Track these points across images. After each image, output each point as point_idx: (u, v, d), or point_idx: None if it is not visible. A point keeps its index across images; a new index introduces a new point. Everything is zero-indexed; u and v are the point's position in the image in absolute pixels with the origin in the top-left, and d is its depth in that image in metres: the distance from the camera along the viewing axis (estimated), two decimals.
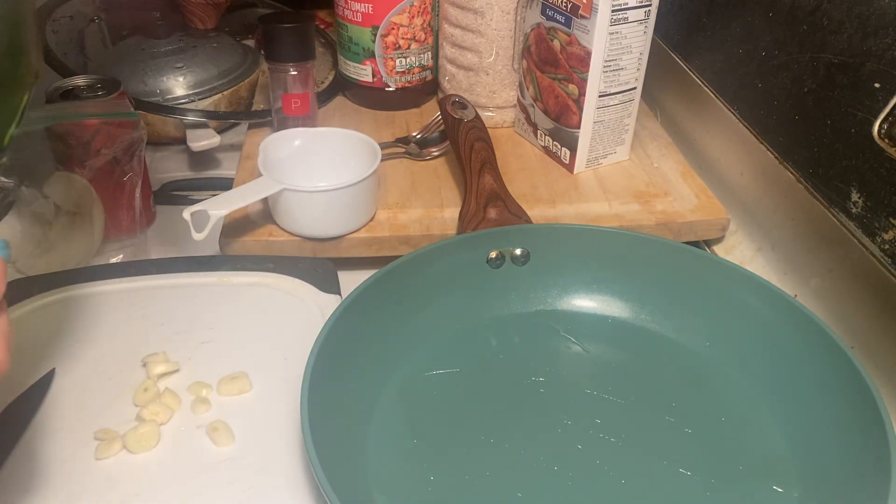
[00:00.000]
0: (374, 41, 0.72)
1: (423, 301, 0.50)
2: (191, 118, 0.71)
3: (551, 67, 0.64)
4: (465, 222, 0.56)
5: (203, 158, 0.74)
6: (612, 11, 0.58)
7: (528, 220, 0.57)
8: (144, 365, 0.46)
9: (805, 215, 0.55)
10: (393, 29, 0.72)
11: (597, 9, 0.57)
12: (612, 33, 0.59)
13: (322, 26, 0.91)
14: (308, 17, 0.66)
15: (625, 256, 0.52)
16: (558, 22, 0.61)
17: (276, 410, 0.44)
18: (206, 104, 0.74)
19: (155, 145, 0.76)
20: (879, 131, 0.47)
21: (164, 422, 0.43)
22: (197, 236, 0.51)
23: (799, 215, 0.55)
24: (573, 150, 0.65)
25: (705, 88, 0.69)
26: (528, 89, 0.69)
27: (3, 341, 0.32)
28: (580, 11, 0.59)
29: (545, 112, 0.67)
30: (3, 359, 0.32)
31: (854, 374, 0.41)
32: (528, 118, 0.70)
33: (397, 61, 0.74)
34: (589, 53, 0.60)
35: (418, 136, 0.70)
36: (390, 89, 0.75)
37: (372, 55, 0.73)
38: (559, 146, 0.67)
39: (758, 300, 0.48)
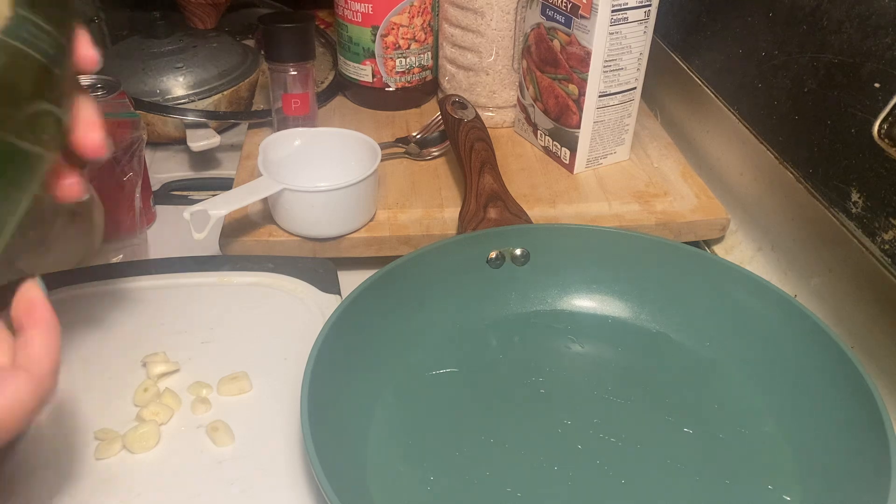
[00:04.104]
0: (374, 41, 0.72)
1: (423, 301, 0.50)
2: (191, 118, 0.71)
3: (551, 67, 0.64)
4: (465, 222, 0.56)
5: (203, 158, 0.74)
6: (612, 11, 0.58)
7: (528, 220, 0.57)
8: (144, 365, 0.46)
9: (805, 215, 0.55)
10: (393, 29, 0.72)
11: (597, 9, 0.57)
12: (612, 33, 0.59)
13: (322, 26, 0.91)
14: (308, 17, 0.66)
15: (625, 256, 0.52)
16: (558, 22, 0.61)
17: (276, 410, 0.44)
18: (206, 104, 0.74)
19: (155, 145, 0.76)
20: (879, 131, 0.47)
21: (164, 422, 0.43)
22: (197, 236, 0.51)
23: (799, 215, 0.55)
24: (573, 150, 0.65)
25: (705, 88, 0.69)
26: (528, 89, 0.69)
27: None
28: (580, 11, 0.59)
29: (545, 112, 0.67)
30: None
31: (854, 374, 0.41)
32: (528, 118, 0.70)
33: (397, 61, 0.74)
34: (589, 53, 0.60)
35: (418, 136, 0.70)
36: (390, 89, 0.75)
37: (372, 55, 0.73)
38: (559, 146, 0.67)
39: (758, 300, 0.48)
